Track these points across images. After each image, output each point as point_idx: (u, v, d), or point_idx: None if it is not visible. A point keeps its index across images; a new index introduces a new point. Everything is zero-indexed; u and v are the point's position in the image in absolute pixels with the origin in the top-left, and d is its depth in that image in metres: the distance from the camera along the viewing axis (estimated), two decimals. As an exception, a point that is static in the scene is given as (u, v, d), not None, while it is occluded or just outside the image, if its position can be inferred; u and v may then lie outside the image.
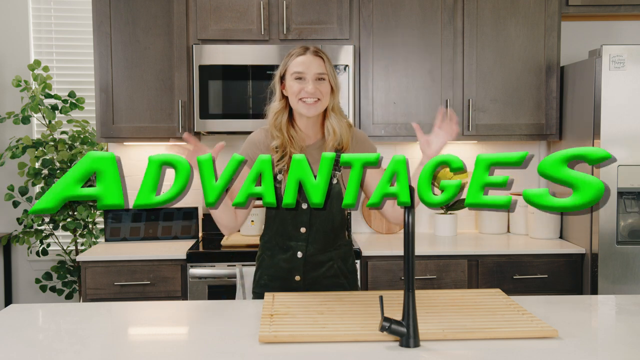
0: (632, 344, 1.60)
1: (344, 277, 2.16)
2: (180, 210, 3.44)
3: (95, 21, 3.22)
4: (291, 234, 2.09)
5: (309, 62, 1.98)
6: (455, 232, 3.49)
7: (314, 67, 1.97)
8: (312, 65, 1.97)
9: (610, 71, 2.91)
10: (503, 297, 1.95)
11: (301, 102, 1.98)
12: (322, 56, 2.00)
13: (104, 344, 1.66)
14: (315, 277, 2.11)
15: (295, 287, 2.11)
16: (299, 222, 2.07)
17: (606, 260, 2.95)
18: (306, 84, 1.97)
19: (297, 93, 1.97)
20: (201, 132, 3.25)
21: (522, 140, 3.36)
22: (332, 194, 2.03)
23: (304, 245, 2.08)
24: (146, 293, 2.99)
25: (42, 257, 4.14)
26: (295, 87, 1.98)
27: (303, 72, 1.97)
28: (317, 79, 1.98)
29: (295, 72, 1.98)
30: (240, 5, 3.22)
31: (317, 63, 1.98)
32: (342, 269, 2.15)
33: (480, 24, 3.29)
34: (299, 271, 2.10)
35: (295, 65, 1.99)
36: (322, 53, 2.02)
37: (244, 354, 1.53)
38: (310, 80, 1.97)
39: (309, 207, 2.04)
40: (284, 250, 2.11)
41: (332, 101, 2.03)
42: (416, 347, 1.54)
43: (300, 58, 1.99)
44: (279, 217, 2.10)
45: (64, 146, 3.88)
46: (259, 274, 2.18)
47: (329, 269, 2.12)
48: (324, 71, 1.99)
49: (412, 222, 1.55)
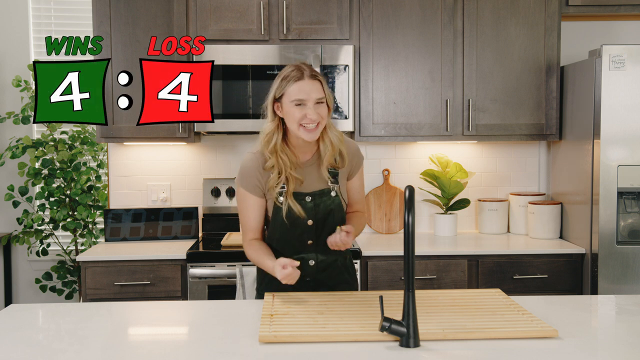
0: (632, 344, 1.60)
1: (347, 272, 2.22)
2: (180, 210, 3.44)
3: (95, 21, 3.22)
4: (298, 247, 2.12)
5: (309, 89, 1.98)
6: (455, 232, 3.49)
7: (314, 94, 1.98)
8: (312, 92, 1.98)
9: (610, 71, 2.91)
10: (503, 297, 1.95)
11: (302, 127, 1.99)
12: (319, 79, 2.02)
13: (104, 344, 1.66)
14: (323, 277, 2.15)
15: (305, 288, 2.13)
16: (305, 237, 2.11)
17: (606, 260, 2.95)
18: (307, 110, 1.97)
19: (300, 119, 1.98)
20: (201, 132, 3.25)
21: (522, 140, 3.36)
22: (333, 207, 2.10)
23: (314, 255, 2.13)
24: (146, 293, 2.99)
25: (42, 257, 4.14)
26: (297, 114, 1.98)
27: (304, 99, 1.97)
28: (317, 103, 2.00)
29: (297, 99, 1.98)
30: (240, 5, 3.22)
31: (316, 88, 1.99)
32: (344, 265, 2.21)
33: (480, 24, 3.29)
34: (311, 275, 2.14)
35: (295, 92, 1.98)
36: (319, 75, 2.03)
37: (244, 354, 1.53)
38: (311, 106, 1.98)
39: (314, 223, 2.09)
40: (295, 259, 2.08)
41: (328, 119, 2.06)
42: (416, 347, 1.54)
43: (299, 84, 1.98)
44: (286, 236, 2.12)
45: (64, 146, 3.88)
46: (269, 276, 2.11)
47: (335, 268, 2.17)
48: (322, 95, 2.01)
49: (412, 222, 1.55)
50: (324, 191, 2.10)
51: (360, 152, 2.21)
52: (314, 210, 2.08)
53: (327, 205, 2.09)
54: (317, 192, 2.09)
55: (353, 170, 2.18)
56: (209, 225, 3.51)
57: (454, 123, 3.30)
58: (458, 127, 3.31)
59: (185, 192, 3.60)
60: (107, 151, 3.62)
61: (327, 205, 2.09)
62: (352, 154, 2.17)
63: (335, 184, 2.11)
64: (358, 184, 2.22)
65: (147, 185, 3.58)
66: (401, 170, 3.64)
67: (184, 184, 3.60)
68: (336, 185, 2.11)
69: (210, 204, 3.51)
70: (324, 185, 2.10)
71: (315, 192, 2.09)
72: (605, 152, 2.93)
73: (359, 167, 2.20)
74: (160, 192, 3.58)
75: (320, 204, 2.09)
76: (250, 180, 2.07)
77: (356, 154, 2.19)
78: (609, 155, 2.93)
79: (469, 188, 3.61)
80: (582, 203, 3.12)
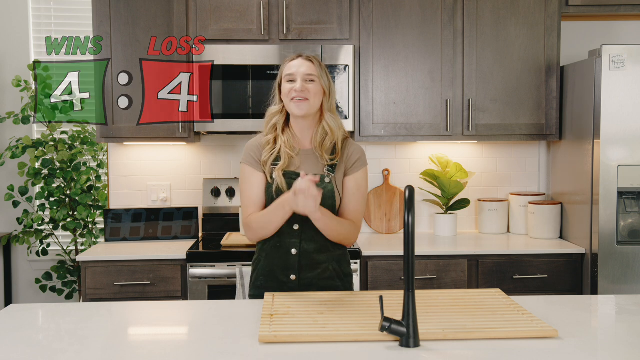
0: (632, 344, 1.60)
1: (339, 279, 2.19)
2: (180, 210, 3.44)
3: (95, 21, 3.22)
4: (285, 231, 2.12)
5: (299, 65, 2.11)
6: (455, 232, 3.49)
7: (303, 69, 2.11)
8: (301, 67, 2.11)
9: (610, 71, 2.91)
10: (503, 297, 1.95)
11: (292, 101, 2.09)
12: (312, 60, 2.14)
13: (104, 344, 1.66)
14: (310, 278, 2.13)
15: (291, 287, 2.13)
16: (292, 220, 2.10)
17: (606, 260, 2.95)
18: (295, 84, 2.09)
19: (288, 93, 2.10)
20: (201, 132, 3.25)
21: (522, 140, 3.36)
22: (324, 193, 2.09)
23: (297, 242, 2.12)
24: (146, 293, 2.99)
25: (42, 257, 4.14)
26: (287, 87, 2.11)
27: (293, 73, 2.11)
28: (307, 80, 2.10)
29: (287, 74, 2.12)
30: (240, 5, 3.22)
31: (307, 65, 2.12)
32: (337, 271, 2.18)
33: (480, 24, 3.29)
34: (294, 270, 2.12)
35: (287, 69, 2.13)
36: (314, 58, 2.16)
37: (244, 354, 1.53)
38: (299, 79, 2.09)
39: None
40: (278, 248, 2.14)
41: (326, 103, 2.14)
42: (416, 347, 1.54)
43: (292, 62, 2.14)
44: None
45: (64, 146, 3.89)
46: (255, 275, 2.22)
47: (325, 271, 2.14)
48: (312, 72, 2.11)
49: (412, 222, 1.55)
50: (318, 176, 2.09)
51: (364, 156, 2.20)
52: None
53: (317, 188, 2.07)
54: None
55: (349, 169, 2.16)
56: (209, 225, 3.51)
57: (454, 123, 3.30)
58: (458, 127, 3.31)
59: (185, 192, 3.60)
60: (107, 151, 3.62)
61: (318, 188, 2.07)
62: (352, 151, 2.17)
63: (331, 173, 2.12)
64: (352, 186, 2.16)
65: (147, 185, 3.58)
66: (401, 170, 3.64)
67: (184, 184, 3.60)
68: (332, 175, 2.12)
69: (210, 204, 3.51)
70: (320, 172, 2.11)
71: None
72: (605, 152, 2.93)
73: (356, 169, 2.16)
74: (160, 192, 3.58)
75: None
76: (249, 154, 2.17)
77: (356, 153, 2.18)
78: (609, 155, 2.93)
79: (469, 188, 3.61)
80: (582, 203, 3.12)
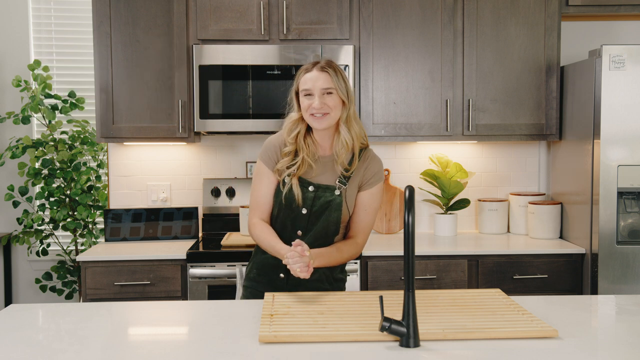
0: (632, 344, 1.60)
1: (329, 283, 2.19)
2: (180, 210, 3.44)
3: (95, 21, 3.22)
4: (290, 232, 2.14)
5: (315, 79, 2.05)
6: (455, 232, 3.49)
7: (320, 83, 2.05)
8: (318, 81, 2.05)
9: (610, 71, 2.91)
10: (503, 297, 1.95)
11: (312, 117, 2.06)
12: (327, 71, 2.06)
13: (104, 344, 1.66)
14: (298, 279, 2.10)
15: (280, 285, 2.16)
16: (297, 226, 2.14)
17: (606, 260, 2.95)
18: (313, 99, 2.04)
19: (307, 109, 2.06)
20: (201, 132, 3.25)
21: (522, 140, 3.35)
22: (332, 204, 2.10)
23: None
24: (146, 293, 2.99)
25: (42, 257, 4.14)
26: (305, 103, 2.07)
27: (310, 88, 2.06)
28: (324, 93, 2.05)
29: (304, 89, 2.07)
30: (240, 5, 3.22)
31: (323, 78, 2.05)
32: (327, 275, 2.18)
33: (480, 24, 3.29)
34: (283, 269, 2.12)
35: (303, 83, 2.08)
36: (329, 67, 2.07)
37: (244, 354, 1.53)
38: (317, 95, 2.04)
39: (308, 213, 2.11)
40: None
41: (344, 112, 2.09)
42: (416, 347, 1.54)
43: (307, 75, 2.07)
44: (281, 218, 2.16)
45: (64, 146, 3.89)
46: (250, 266, 2.27)
47: (313, 274, 2.10)
48: (330, 85, 2.05)
49: (412, 222, 1.55)
50: (329, 187, 2.10)
51: (381, 170, 2.18)
52: (312, 201, 2.09)
53: (326, 199, 2.09)
54: (322, 186, 2.10)
55: (364, 184, 2.14)
56: (209, 225, 3.51)
57: (454, 123, 3.30)
58: (458, 127, 3.31)
59: (185, 192, 3.60)
60: (107, 151, 3.62)
61: (327, 199, 2.09)
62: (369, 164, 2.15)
63: (343, 185, 2.10)
64: (365, 202, 2.14)
65: (147, 185, 3.58)
66: (401, 170, 3.64)
67: (184, 184, 3.60)
68: (343, 187, 2.10)
69: (210, 204, 3.51)
70: (332, 183, 2.12)
71: (320, 185, 2.10)
72: (605, 152, 2.93)
73: (372, 184, 2.14)
74: (160, 192, 3.58)
75: (321, 197, 2.09)
76: (266, 153, 2.15)
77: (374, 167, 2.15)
78: (609, 155, 2.93)
79: (469, 188, 3.61)
80: (582, 203, 3.12)
